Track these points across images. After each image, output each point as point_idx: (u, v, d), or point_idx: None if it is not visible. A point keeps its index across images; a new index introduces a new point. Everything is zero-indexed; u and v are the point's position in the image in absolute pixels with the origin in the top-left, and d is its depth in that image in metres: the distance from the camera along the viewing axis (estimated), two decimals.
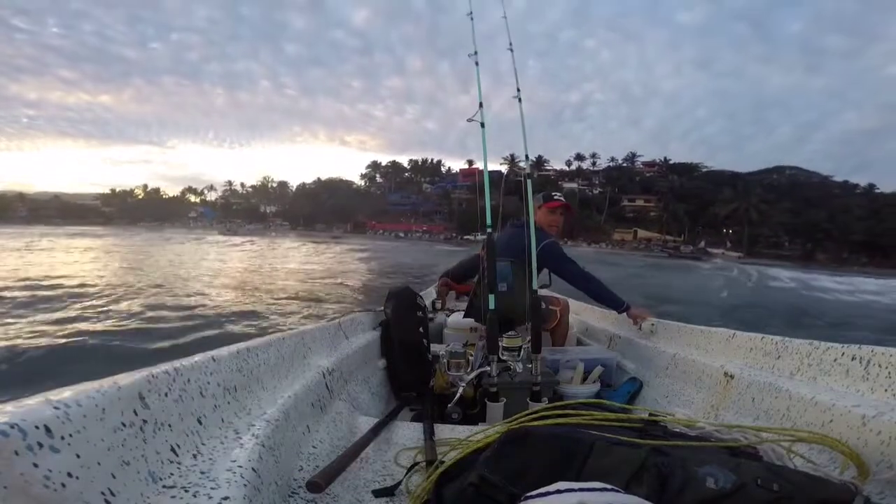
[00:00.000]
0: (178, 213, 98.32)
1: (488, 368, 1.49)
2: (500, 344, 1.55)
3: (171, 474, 0.56)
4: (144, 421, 0.56)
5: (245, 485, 0.58)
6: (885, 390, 0.87)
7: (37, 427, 0.41)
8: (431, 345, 1.95)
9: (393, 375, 1.84)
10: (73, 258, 15.19)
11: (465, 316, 2.29)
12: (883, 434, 0.75)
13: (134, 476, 0.51)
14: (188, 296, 8.30)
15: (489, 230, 1.69)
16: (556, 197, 2.28)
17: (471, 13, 2.06)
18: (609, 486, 0.48)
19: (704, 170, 76.64)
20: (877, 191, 62.89)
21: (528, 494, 0.49)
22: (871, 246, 49.15)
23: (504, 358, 1.54)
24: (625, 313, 2.06)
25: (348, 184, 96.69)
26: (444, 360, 1.73)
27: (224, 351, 0.83)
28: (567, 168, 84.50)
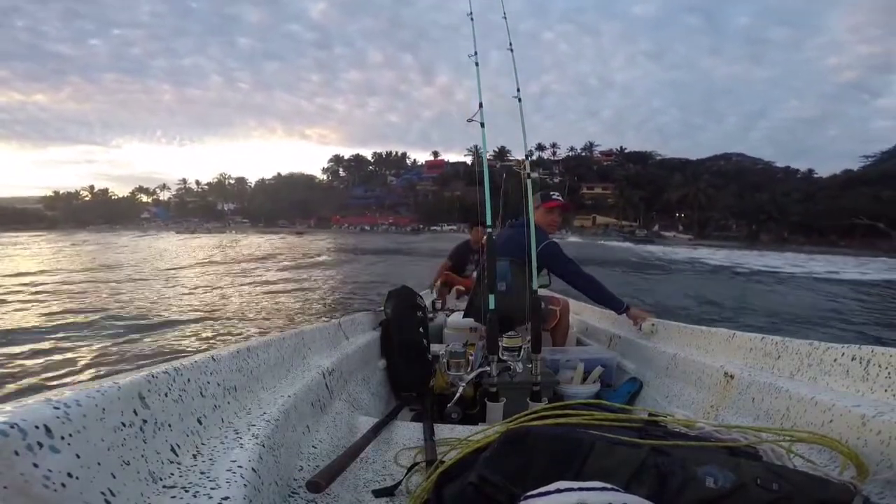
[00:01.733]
0: (128, 215, 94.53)
1: (488, 368, 1.49)
2: (501, 344, 1.55)
3: (171, 474, 0.56)
4: (144, 421, 0.56)
5: (245, 485, 0.58)
6: (885, 390, 0.87)
7: (37, 427, 0.41)
8: (431, 345, 1.95)
9: (393, 375, 1.84)
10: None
11: (464, 316, 2.29)
12: (883, 434, 0.75)
13: (134, 476, 0.51)
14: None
15: (489, 230, 1.69)
16: (554, 197, 2.29)
17: (471, 13, 2.06)
18: (609, 486, 0.48)
19: (658, 158, 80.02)
20: (815, 175, 67.27)
21: (528, 494, 0.49)
22: (808, 227, 51.63)
23: (504, 358, 1.54)
24: (624, 314, 2.06)
25: (310, 178, 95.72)
26: (444, 360, 1.73)
27: (224, 351, 0.83)
28: (528, 158, 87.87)
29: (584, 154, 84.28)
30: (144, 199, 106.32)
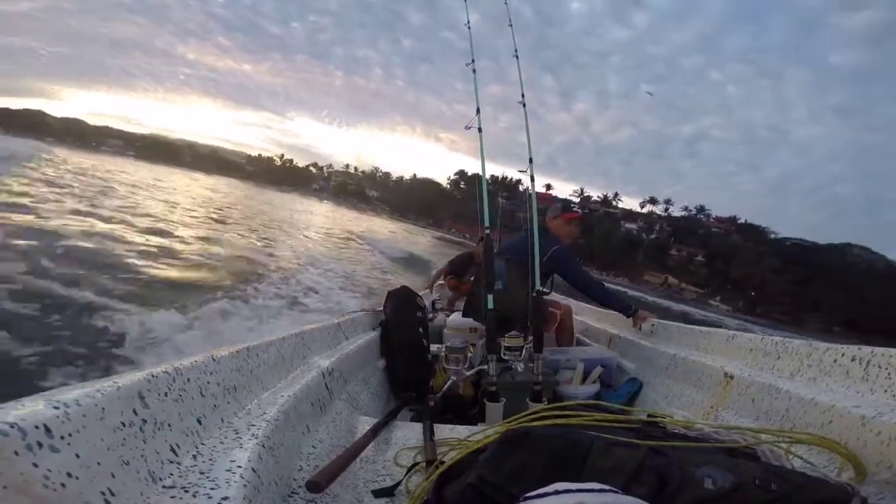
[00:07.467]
0: (304, 183, 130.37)
1: (486, 367, 1.49)
2: (501, 343, 1.55)
3: (171, 474, 0.56)
4: (144, 421, 0.56)
5: (245, 485, 0.58)
6: (885, 391, 0.87)
7: (37, 427, 0.41)
8: (431, 345, 1.95)
9: (393, 375, 1.84)
10: None
11: (463, 315, 2.30)
12: (882, 435, 0.75)
13: (134, 476, 0.51)
14: None
15: (487, 231, 1.70)
16: (573, 209, 2.38)
17: (468, 23, 2.09)
18: (608, 487, 0.48)
19: (773, 236, 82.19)
20: None
21: (527, 495, 0.49)
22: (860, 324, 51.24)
23: (505, 357, 1.54)
24: (632, 317, 2.08)
25: (436, 184, 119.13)
26: (443, 356, 1.73)
27: (224, 351, 0.83)
28: (639, 209, 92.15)
29: (696, 216, 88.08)
30: (313, 171, 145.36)
